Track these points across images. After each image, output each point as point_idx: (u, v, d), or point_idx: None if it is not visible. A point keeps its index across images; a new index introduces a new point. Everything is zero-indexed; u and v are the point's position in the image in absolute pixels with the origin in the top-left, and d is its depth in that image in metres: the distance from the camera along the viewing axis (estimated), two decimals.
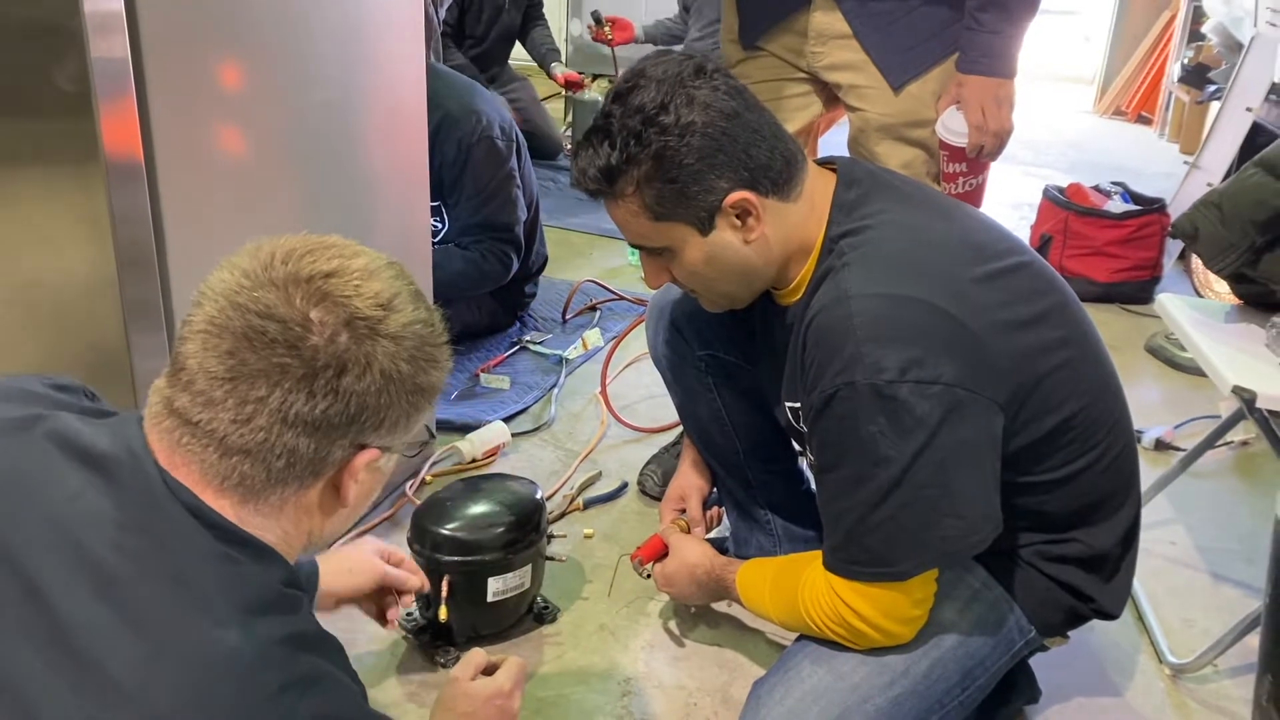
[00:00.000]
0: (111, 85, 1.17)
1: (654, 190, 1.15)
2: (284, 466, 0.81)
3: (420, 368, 0.84)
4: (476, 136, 2.34)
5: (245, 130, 1.43)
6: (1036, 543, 1.28)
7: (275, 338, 0.78)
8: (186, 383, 0.79)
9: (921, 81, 1.67)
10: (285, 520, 0.84)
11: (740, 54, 1.80)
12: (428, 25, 2.70)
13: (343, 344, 0.79)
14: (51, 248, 1.29)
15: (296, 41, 1.48)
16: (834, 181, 1.24)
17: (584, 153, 1.18)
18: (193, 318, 0.80)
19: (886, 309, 1.11)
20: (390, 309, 0.82)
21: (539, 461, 2.08)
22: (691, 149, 1.13)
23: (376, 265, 0.84)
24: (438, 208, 2.42)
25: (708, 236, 1.18)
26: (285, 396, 0.78)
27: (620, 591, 1.68)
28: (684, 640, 1.60)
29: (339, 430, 0.81)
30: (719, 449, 1.60)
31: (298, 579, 0.85)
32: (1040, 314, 1.20)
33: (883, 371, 1.08)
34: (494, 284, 2.47)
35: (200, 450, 0.80)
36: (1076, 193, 3.09)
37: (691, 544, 1.49)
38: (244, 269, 0.81)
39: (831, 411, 1.12)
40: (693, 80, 1.14)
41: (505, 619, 1.56)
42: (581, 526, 1.86)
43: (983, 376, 1.12)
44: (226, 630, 0.76)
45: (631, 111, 1.14)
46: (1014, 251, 1.24)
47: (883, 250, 1.17)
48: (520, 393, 2.31)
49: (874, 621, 1.17)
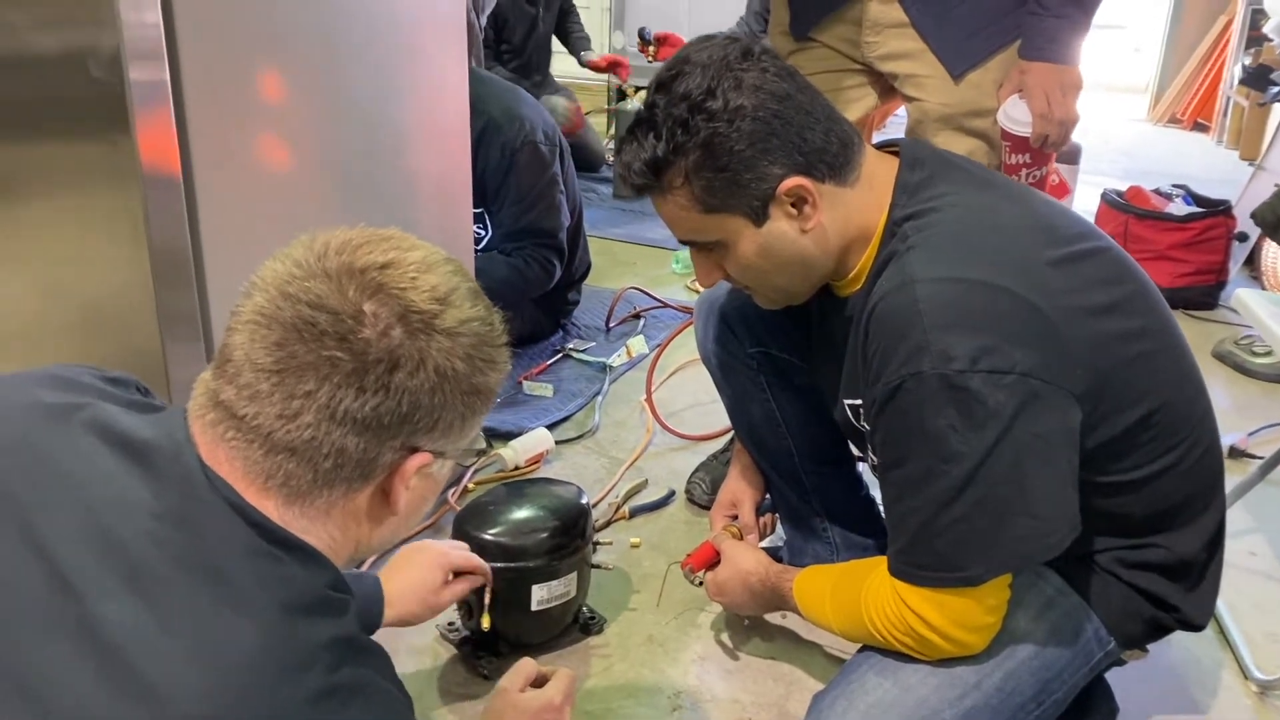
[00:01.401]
0: (149, 104, 1.16)
1: (704, 180, 1.09)
2: (331, 467, 0.76)
3: (476, 367, 0.79)
4: (520, 142, 2.30)
5: (284, 140, 1.40)
6: (1115, 548, 1.19)
7: (326, 330, 0.73)
8: (233, 375, 0.75)
9: (982, 70, 1.60)
10: (332, 525, 0.80)
11: (791, 46, 1.74)
12: (469, 32, 2.68)
13: (396, 338, 0.75)
14: (90, 260, 1.28)
15: (336, 51, 1.45)
16: (895, 164, 1.17)
17: (628, 147, 1.12)
18: (241, 308, 0.77)
19: (955, 294, 1.04)
20: (447, 304, 0.77)
21: (583, 469, 2.02)
22: (742, 134, 1.07)
23: (434, 259, 0.80)
24: (480, 215, 2.39)
25: (762, 227, 1.12)
26: (334, 392, 0.73)
27: (669, 602, 1.62)
28: (737, 653, 1.53)
29: (390, 430, 0.76)
30: (772, 452, 1.53)
31: (345, 584, 0.80)
32: (1117, 301, 1.13)
33: (952, 360, 1.01)
34: (538, 290, 2.43)
35: (245, 446, 0.76)
36: (1136, 195, 2.99)
37: (745, 551, 1.42)
38: (296, 259, 0.77)
39: (897, 404, 1.05)
40: (740, 63, 1.09)
41: (550, 628, 1.50)
42: (628, 535, 1.79)
43: (1059, 366, 1.04)
44: (265, 630, 0.71)
45: (677, 100, 1.08)
46: (1088, 236, 1.17)
47: (950, 232, 1.10)
48: (563, 400, 2.26)
49: (944, 630, 1.10)
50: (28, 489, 0.74)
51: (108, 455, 0.76)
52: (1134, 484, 1.15)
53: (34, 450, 0.77)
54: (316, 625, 0.74)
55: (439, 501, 1.85)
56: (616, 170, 1.15)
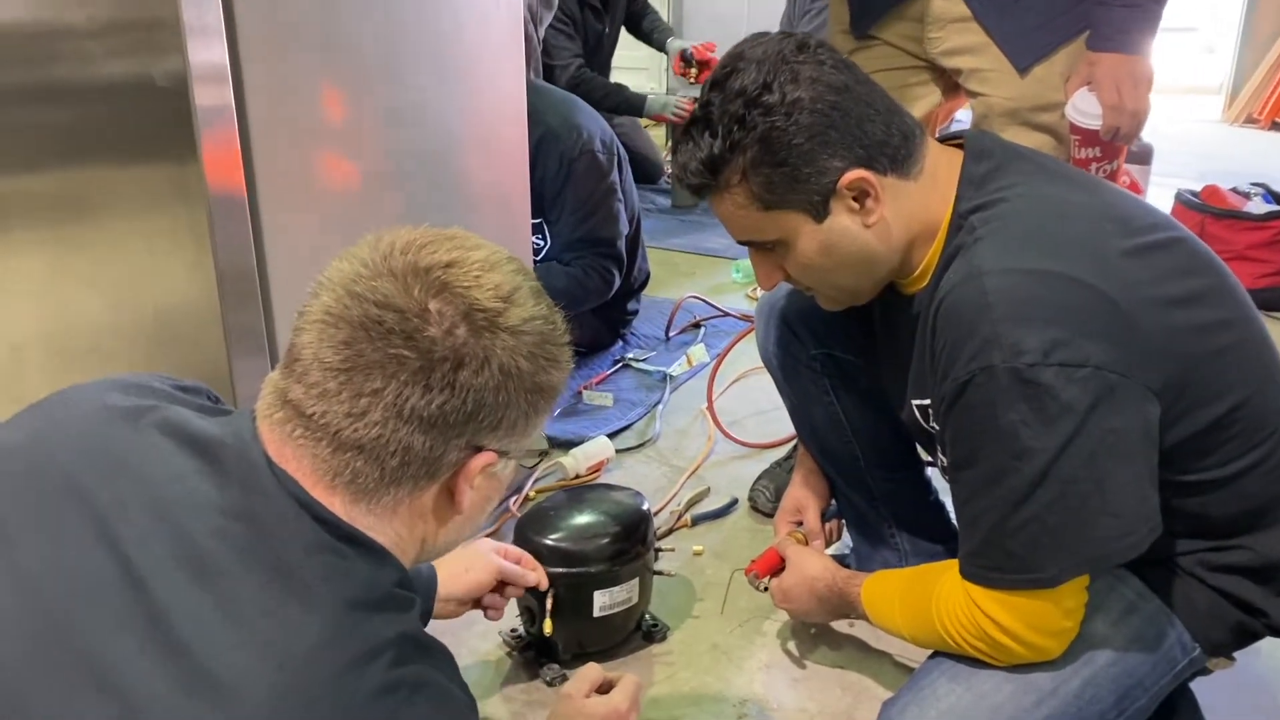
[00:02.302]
0: (214, 126, 1.18)
1: (762, 176, 1.07)
2: (398, 465, 0.76)
3: (540, 365, 0.79)
4: (578, 151, 2.31)
5: (344, 157, 1.42)
6: (1198, 550, 1.14)
7: (392, 328, 0.74)
8: (301, 374, 0.76)
9: (1048, 63, 1.56)
10: (398, 523, 0.80)
11: (852, 45, 1.72)
12: (528, 44, 2.70)
13: (461, 336, 0.75)
14: (159, 277, 1.30)
15: (395, 67, 1.46)
16: (960, 157, 1.14)
17: (684, 147, 1.11)
18: (309, 308, 0.77)
19: (1025, 285, 1.01)
20: (511, 302, 0.78)
21: (644, 478, 2.01)
22: (800, 128, 1.05)
23: (497, 258, 0.80)
24: (539, 225, 2.40)
25: (823, 223, 1.10)
26: (401, 389, 0.74)
27: (734, 609, 1.59)
28: (804, 661, 1.50)
29: (455, 429, 0.76)
30: (837, 457, 1.50)
31: (411, 582, 0.81)
32: (1197, 293, 1.08)
33: (1023, 354, 0.98)
34: (597, 300, 2.42)
35: (312, 444, 0.76)
36: (1212, 194, 2.90)
37: (811, 556, 1.39)
38: (363, 259, 0.78)
39: (966, 400, 1.02)
40: (795, 56, 1.07)
41: (612, 635, 1.49)
42: (690, 543, 1.77)
43: (1135, 359, 1.00)
44: (330, 624, 0.72)
45: (732, 96, 1.07)
46: (1164, 226, 1.13)
47: (1019, 223, 1.06)
48: (624, 409, 2.25)
49: (1019, 634, 1.06)
50: (102, 487, 0.76)
51: (176, 454, 0.77)
52: (1217, 483, 1.10)
53: (107, 451, 0.78)
54: (382, 620, 0.74)
55: (500, 509, 1.85)
56: (673, 172, 1.13)
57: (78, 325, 1.38)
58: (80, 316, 1.38)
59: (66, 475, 0.76)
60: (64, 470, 0.76)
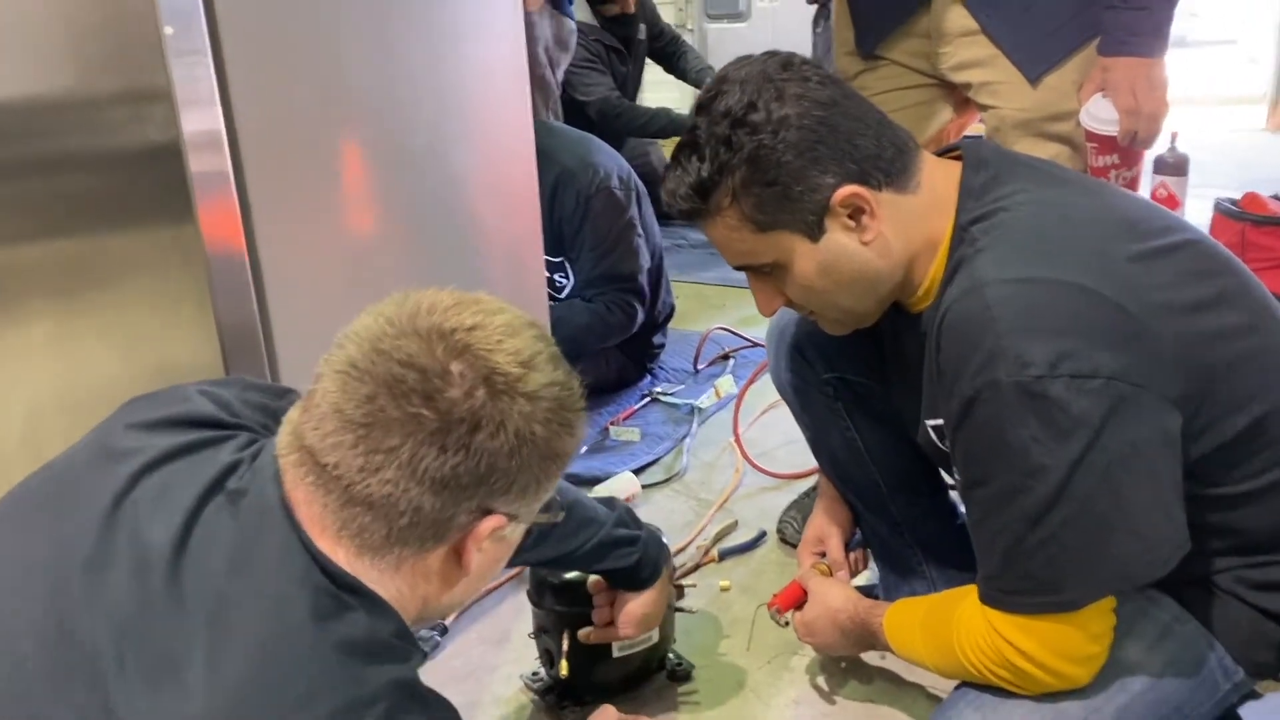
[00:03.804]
0: (210, 191, 1.20)
1: (753, 197, 1.05)
2: (406, 525, 0.76)
3: (555, 431, 0.80)
4: (594, 188, 2.30)
5: (347, 214, 1.42)
6: (1236, 567, 1.08)
7: (414, 387, 0.74)
8: (318, 420, 0.76)
9: (1060, 71, 1.53)
10: (400, 580, 0.80)
11: (859, 66, 1.70)
12: (545, 86, 2.72)
13: (479, 399, 0.75)
14: (164, 338, 1.32)
15: (398, 116, 1.46)
16: (958, 169, 1.11)
17: (672, 173, 1.09)
18: (332, 357, 0.78)
19: (1029, 295, 0.97)
20: (530, 367, 0.78)
21: (671, 513, 1.97)
22: (788, 145, 1.03)
23: (519, 324, 0.81)
24: (561, 263, 2.39)
25: (819, 242, 1.07)
26: (417, 449, 0.74)
27: (761, 646, 1.55)
28: (833, 697, 1.45)
29: (467, 491, 0.77)
30: (857, 483, 1.46)
31: (411, 635, 0.80)
32: (1214, 297, 1.03)
33: (1029, 366, 0.94)
34: (620, 335, 2.40)
35: (322, 494, 0.76)
36: (1253, 202, 2.81)
37: (834, 587, 1.35)
38: (389, 316, 0.79)
39: (974, 418, 0.98)
40: (780, 74, 1.05)
41: (634, 675, 1.45)
42: (717, 579, 1.73)
43: (1149, 367, 0.96)
44: (321, 668, 0.71)
45: (718, 118, 1.05)
46: (1175, 229, 1.08)
47: (1021, 231, 1.03)
48: (651, 444, 2.22)
49: (1043, 661, 1.01)
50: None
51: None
52: (1250, 495, 1.04)
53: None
54: (377, 668, 0.73)
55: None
56: (664, 199, 1.11)
57: (90, 380, 1.39)
58: (92, 369, 1.38)
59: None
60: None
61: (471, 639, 1.61)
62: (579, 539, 1.20)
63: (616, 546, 1.24)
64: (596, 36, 3.70)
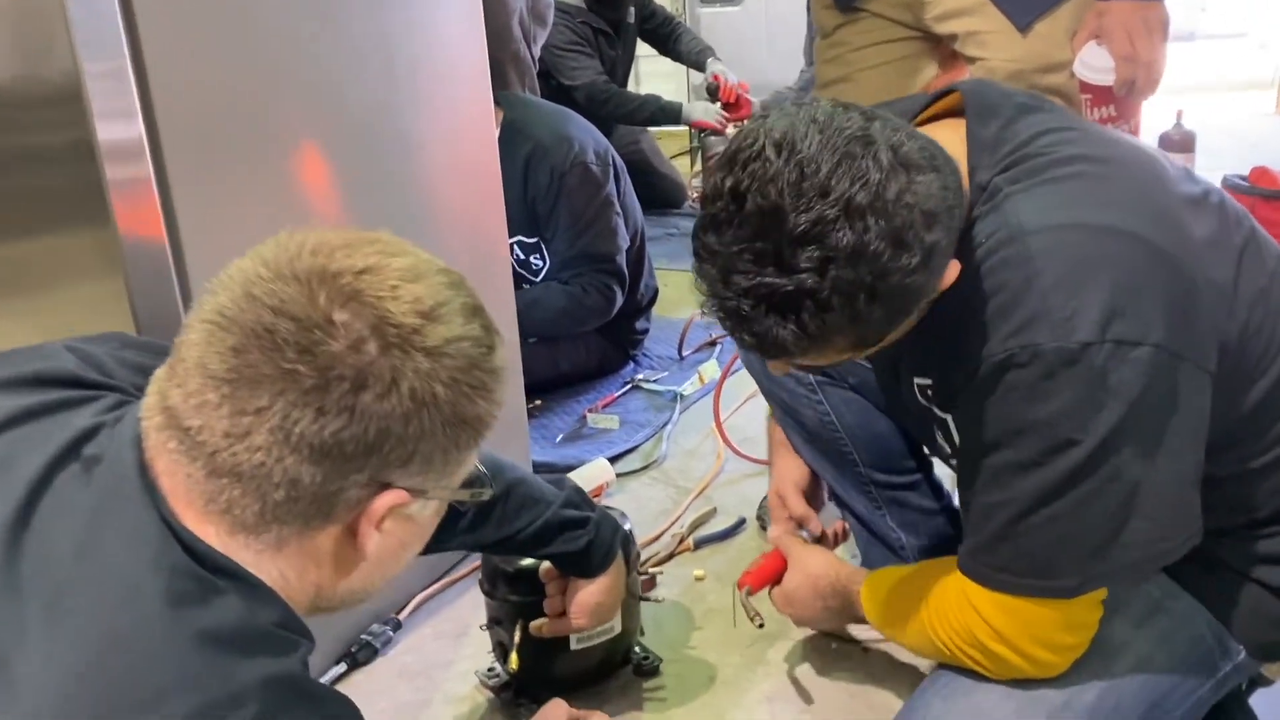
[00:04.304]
0: (128, 193, 1.10)
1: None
2: (284, 499, 0.65)
3: (462, 393, 0.68)
4: (569, 164, 2.20)
5: (282, 199, 1.30)
6: (1240, 540, 0.98)
7: (287, 339, 0.63)
8: (183, 377, 0.65)
9: (1051, 19, 1.42)
10: (284, 563, 0.69)
11: (837, 19, 1.59)
12: (520, 61, 2.63)
13: (368, 354, 0.64)
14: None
15: (337, 92, 1.35)
16: (960, 126, 0.96)
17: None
18: (202, 305, 0.67)
19: (1079, 244, 0.85)
20: (432, 318, 0.67)
21: (647, 501, 1.87)
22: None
23: (425, 268, 0.69)
24: (537, 244, 2.29)
25: None
26: (289, 410, 0.63)
27: (736, 636, 1.44)
28: (811, 691, 1.34)
29: (354, 461, 0.65)
30: (833, 459, 1.35)
31: (300, 625, 0.69)
32: (1240, 250, 0.93)
33: (1076, 330, 0.82)
34: (598, 319, 2.30)
35: (186, 463, 0.66)
36: (1262, 176, 2.71)
37: (814, 552, 1.24)
38: (266, 258, 0.67)
39: (1003, 381, 0.86)
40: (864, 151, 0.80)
41: (596, 670, 1.34)
42: (693, 568, 1.63)
43: (1196, 335, 0.86)
44: (177, 663, 0.60)
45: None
46: (1192, 178, 0.98)
47: (1057, 173, 0.89)
48: (630, 432, 2.12)
49: (1016, 644, 0.91)
50: None
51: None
52: (1259, 470, 0.95)
53: None
54: (248, 662, 0.62)
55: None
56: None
57: None
58: None
59: None
60: None
61: (426, 634, 1.51)
62: (522, 521, 1.10)
63: (564, 529, 1.13)
64: (584, 19, 3.59)
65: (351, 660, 1.43)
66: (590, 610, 1.19)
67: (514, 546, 1.12)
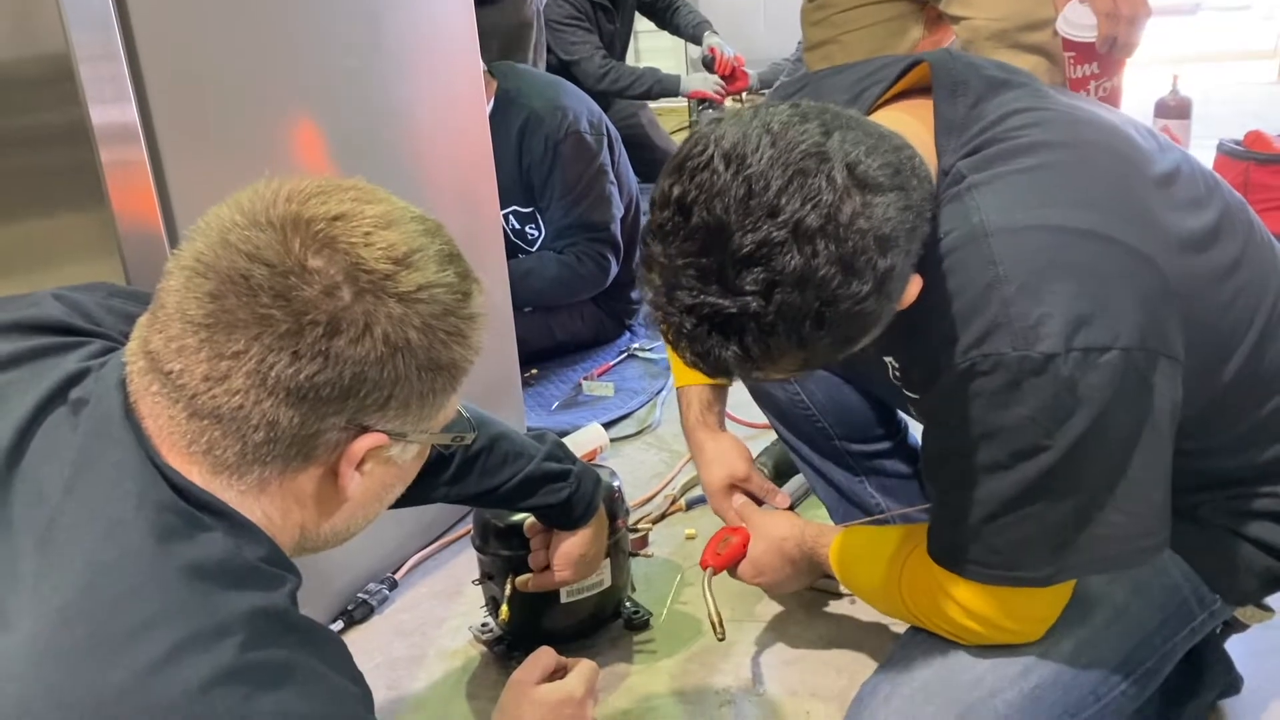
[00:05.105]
0: (123, 176, 1.12)
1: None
2: (263, 441, 0.67)
3: (437, 339, 0.69)
4: (563, 132, 2.21)
5: (274, 170, 1.31)
6: (1218, 499, 0.99)
7: (261, 284, 0.65)
8: (164, 322, 0.68)
9: None
10: (267, 503, 0.71)
11: None
12: (527, 29, 2.63)
13: (342, 300, 0.66)
14: None
15: (323, 56, 1.36)
16: (927, 106, 0.92)
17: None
18: (181, 252, 0.69)
19: (1043, 247, 0.83)
20: (405, 264, 0.68)
21: (641, 465, 1.90)
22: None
23: (399, 215, 0.71)
24: (532, 214, 2.31)
25: None
26: (265, 354, 0.65)
27: (724, 593, 1.44)
28: (797, 644, 1.37)
29: (331, 405, 0.67)
30: (806, 434, 1.37)
31: (287, 562, 0.71)
32: (1211, 229, 0.90)
33: (1040, 340, 0.80)
34: (593, 289, 2.32)
35: (168, 405, 0.68)
36: (1257, 140, 2.70)
37: (776, 517, 1.25)
38: (242, 205, 0.69)
39: (968, 389, 0.84)
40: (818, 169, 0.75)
41: (586, 622, 1.37)
42: (684, 528, 1.65)
43: (1166, 328, 0.84)
44: (162, 595, 0.62)
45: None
46: (1166, 147, 0.95)
47: (1025, 163, 0.86)
48: (625, 399, 2.14)
49: (994, 621, 0.93)
50: None
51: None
52: (1234, 443, 0.95)
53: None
54: (234, 594, 0.64)
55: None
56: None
57: None
58: None
59: None
60: None
61: (422, 593, 1.54)
62: (505, 473, 1.12)
63: (546, 481, 1.15)
64: None
65: (348, 618, 1.46)
66: (574, 562, 1.21)
67: (497, 499, 1.15)
